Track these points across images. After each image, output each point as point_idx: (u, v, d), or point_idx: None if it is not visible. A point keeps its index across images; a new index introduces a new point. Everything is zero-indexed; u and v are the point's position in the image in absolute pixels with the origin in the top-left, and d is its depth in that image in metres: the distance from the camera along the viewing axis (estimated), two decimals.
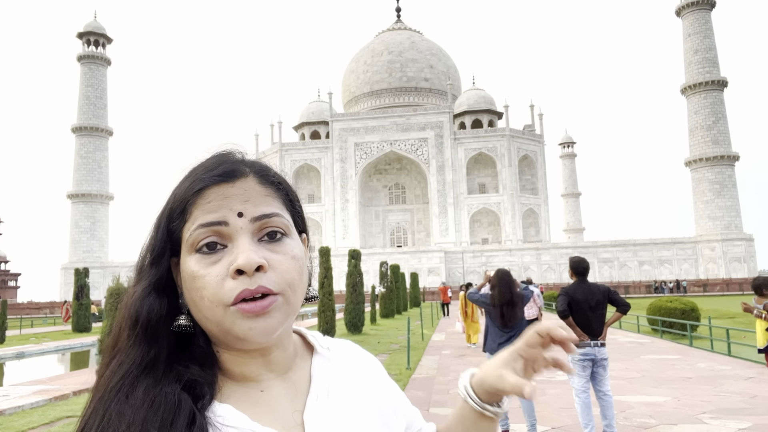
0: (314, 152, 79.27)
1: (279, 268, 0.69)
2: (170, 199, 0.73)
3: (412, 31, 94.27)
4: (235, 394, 0.71)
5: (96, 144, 76.84)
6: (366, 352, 0.88)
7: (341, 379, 0.79)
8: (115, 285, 6.25)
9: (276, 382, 0.74)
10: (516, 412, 6.90)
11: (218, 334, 0.69)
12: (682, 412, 7.22)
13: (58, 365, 17.50)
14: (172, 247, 0.72)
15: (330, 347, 0.83)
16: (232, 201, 0.70)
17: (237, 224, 0.69)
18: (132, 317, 0.69)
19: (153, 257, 0.72)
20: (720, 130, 70.05)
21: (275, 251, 0.70)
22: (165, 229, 0.72)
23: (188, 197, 0.71)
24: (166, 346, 0.69)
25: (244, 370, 0.72)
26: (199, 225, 0.69)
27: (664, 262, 66.97)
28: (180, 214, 0.71)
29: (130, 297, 0.72)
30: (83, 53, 77.98)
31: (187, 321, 0.71)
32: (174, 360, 0.69)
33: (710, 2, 71.89)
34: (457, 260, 68.80)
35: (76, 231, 74.81)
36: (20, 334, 27.73)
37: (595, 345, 5.72)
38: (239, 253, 0.67)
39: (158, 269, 0.72)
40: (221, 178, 0.71)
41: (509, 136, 76.50)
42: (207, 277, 0.67)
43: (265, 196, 0.72)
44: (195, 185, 0.71)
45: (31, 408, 8.70)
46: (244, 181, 0.72)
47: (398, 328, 22.05)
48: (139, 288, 0.71)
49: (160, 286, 0.71)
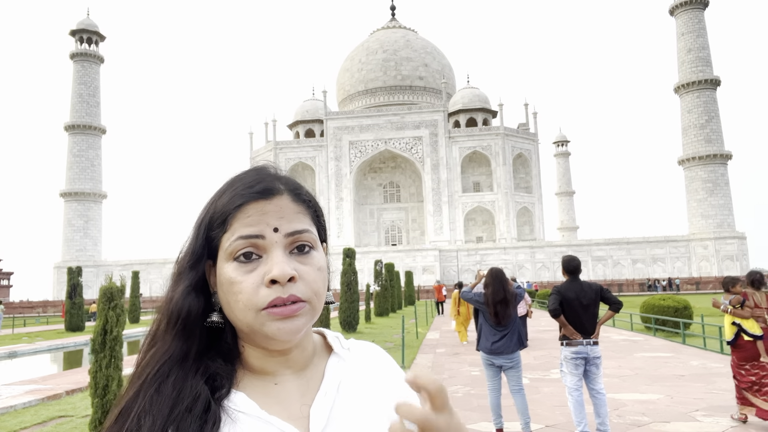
0: (309, 150, 79.16)
1: (307, 279, 0.77)
2: (210, 209, 0.81)
3: (407, 30, 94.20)
4: (251, 385, 0.79)
5: (89, 142, 76.43)
6: (388, 357, 0.92)
7: (354, 379, 0.84)
8: (108, 284, 6.21)
9: (291, 378, 0.81)
10: (510, 410, 6.92)
11: (248, 331, 0.77)
12: (675, 409, 7.26)
13: (50, 364, 17.42)
14: (209, 252, 0.80)
15: (351, 348, 0.89)
16: (268, 217, 0.77)
17: (272, 238, 0.77)
18: (174, 313, 0.78)
19: (193, 261, 0.80)
20: (713, 128, 70.42)
21: (304, 263, 0.78)
22: (204, 236, 0.80)
23: (229, 210, 0.78)
24: (198, 340, 0.78)
25: (264, 365, 0.80)
26: (239, 237, 0.76)
27: (657, 260, 67.30)
28: (220, 224, 0.78)
29: (172, 296, 0.80)
30: (76, 51, 77.50)
31: (219, 318, 0.80)
32: (203, 353, 0.78)
33: (703, 1, 72.19)
34: (452, 259, 68.90)
35: (69, 229, 74.44)
36: (13, 333, 27.58)
37: (587, 343, 5.74)
38: (274, 264, 0.75)
39: (197, 272, 0.80)
40: (260, 195, 0.78)
41: (504, 135, 76.63)
42: (243, 284, 0.75)
43: (297, 213, 0.80)
44: (236, 200, 0.78)
45: (23, 408, 8.65)
46: (280, 198, 0.79)
47: (393, 326, 22.07)
48: (181, 287, 0.79)
49: (198, 287, 0.79)
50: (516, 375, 6.11)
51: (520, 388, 6.09)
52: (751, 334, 6.47)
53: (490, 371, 6.20)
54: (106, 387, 5.95)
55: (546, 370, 10.56)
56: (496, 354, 6.08)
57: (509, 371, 6.12)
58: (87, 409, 8.09)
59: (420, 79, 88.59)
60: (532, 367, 10.90)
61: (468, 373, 10.51)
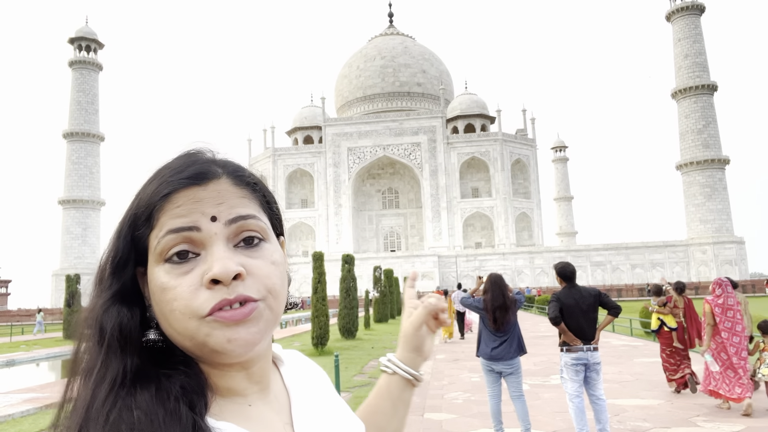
0: (307, 157, 79.19)
1: (258, 274, 0.64)
2: (133, 203, 0.67)
3: (405, 36, 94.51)
4: (228, 411, 0.66)
5: (87, 150, 76.39)
6: (312, 361, 0.88)
7: (308, 388, 0.79)
8: None
9: (259, 396, 0.70)
10: (510, 417, 6.89)
11: (192, 348, 0.64)
12: (675, 415, 7.24)
13: (49, 373, 17.34)
14: (137, 257, 0.66)
15: (285, 358, 0.82)
16: (204, 204, 0.64)
17: (210, 229, 0.63)
18: (97, 331, 0.63)
19: (114, 266, 0.66)
20: (710, 133, 70.59)
21: (253, 256, 0.65)
22: (129, 237, 0.66)
23: (155, 202, 0.64)
24: (145, 357, 0.63)
25: (228, 384, 0.67)
26: (167, 231, 0.63)
27: (656, 265, 67.30)
28: (146, 220, 0.65)
29: (90, 311, 0.65)
30: (75, 58, 77.56)
31: (156, 335, 0.65)
32: (153, 370, 0.62)
33: (700, 7, 72.58)
34: (451, 264, 68.85)
35: (67, 237, 74.28)
36: (10, 341, 27.47)
37: (588, 349, 5.73)
38: (214, 260, 0.62)
39: (120, 279, 0.65)
40: (191, 180, 0.65)
41: (502, 141, 76.76)
42: (178, 288, 0.62)
43: (241, 197, 0.67)
44: (162, 189, 0.65)
45: (21, 416, 8.60)
46: (217, 182, 0.66)
47: (392, 332, 22.02)
48: (102, 300, 0.65)
49: (125, 297, 0.65)
50: (516, 381, 6.09)
51: (520, 394, 6.07)
52: (669, 327, 8.93)
53: (490, 377, 6.18)
54: None
55: (546, 376, 10.54)
56: (495, 360, 6.06)
57: (509, 377, 6.10)
58: None
59: (418, 86, 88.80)
60: (533, 373, 10.87)
61: (468, 380, 10.47)
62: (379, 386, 0.93)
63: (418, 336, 0.92)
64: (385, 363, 0.94)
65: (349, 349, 16.33)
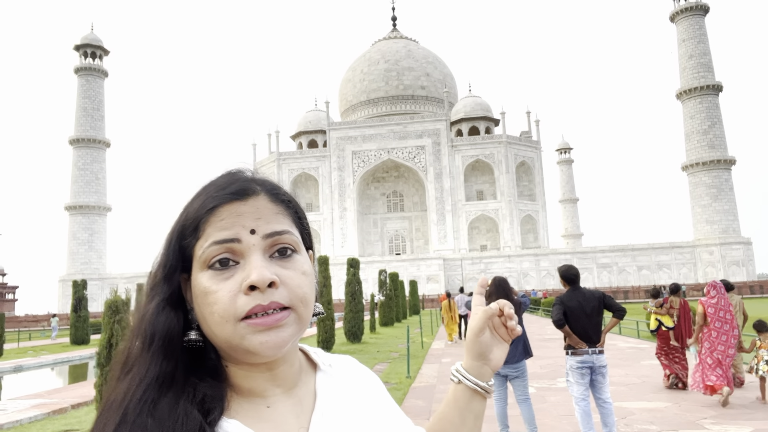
0: (312, 161, 79.35)
1: (290, 284, 0.71)
2: (182, 216, 0.75)
3: (408, 40, 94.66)
4: (243, 410, 0.72)
5: (93, 156, 76.81)
6: (365, 368, 0.89)
7: (344, 396, 0.80)
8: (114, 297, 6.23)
9: (282, 398, 0.75)
10: (517, 420, 6.88)
11: (227, 348, 0.71)
12: (683, 417, 7.20)
13: (56, 378, 17.42)
14: (183, 264, 0.73)
15: (332, 364, 0.85)
16: (244, 218, 0.72)
17: (249, 241, 0.71)
18: (148, 332, 0.70)
19: (165, 273, 0.73)
20: (716, 134, 70.32)
21: (286, 267, 0.72)
22: (177, 246, 0.73)
23: (201, 215, 0.72)
24: (181, 360, 0.70)
25: (251, 385, 0.74)
26: (212, 242, 0.70)
27: (662, 267, 66.98)
28: (192, 231, 0.72)
29: (144, 313, 0.73)
30: (80, 65, 78.10)
31: (197, 336, 0.72)
32: (189, 374, 0.70)
33: (704, 8, 72.39)
34: (456, 267, 68.74)
35: (73, 243, 74.62)
36: (18, 347, 27.60)
37: (593, 352, 5.71)
38: (252, 269, 0.69)
39: (170, 285, 0.73)
40: (234, 196, 0.73)
41: (506, 143, 76.68)
42: (219, 293, 0.69)
43: (276, 213, 0.74)
44: (208, 203, 0.73)
45: (29, 422, 8.64)
46: (256, 199, 0.74)
47: (398, 336, 22.00)
48: (154, 304, 0.72)
49: (173, 302, 0.73)
50: (522, 384, 6.08)
51: (526, 398, 6.06)
52: (666, 326, 9.52)
53: (496, 380, 6.17)
54: None
55: (552, 379, 10.50)
56: None
57: (515, 380, 6.09)
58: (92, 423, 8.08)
59: (422, 89, 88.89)
60: (539, 376, 10.84)
61: None
62: (448, 394, 0.92)
63: (479, 343, 0.90)
64: (452, 371, 0.93)
65: (355, 353, 16.33)
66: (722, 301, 8.08)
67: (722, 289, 8.15)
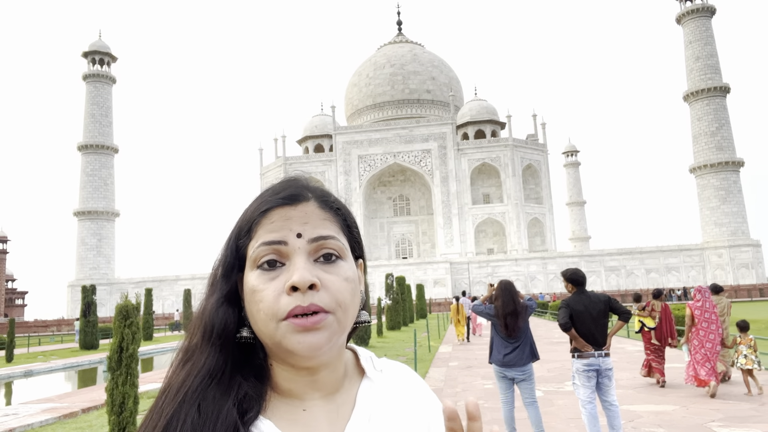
0: (318, 165, 79.59)
1: (331, 288, 0.72)
2: (240, 218, 0.79)
3: (414, 44, 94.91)
4: (279, 411, 0.74)
5: (102, 161, 77.40)
6: (420, 381, 0.87)
7: (386, 407, 0.79)
8: (124, 302, 6.31)
9: (320, 403, 0.76)
10: (524, 423, 6.90)
11: (271, 346, 0.74)
12: (690, 420, 7.20)
13: (66, 383, 17.55)
14: (239, 263, 0.77)
15: (384, 370, 0.84)
16: (292, 222, 0.75)
17: (295, 244, 0.73)
18: (208, 326, 0.75)
19: (224, 271, 0.77)
20: (724, 136, 69.97)
21: (329, 272, 0.74)
22: (234, 246, 0.77)
23: (255, 217, 0.76)
24: (232, 356, 0.74)
25: (291, 387, 0.76)
26: (261, 243, 0.74)
27: (671, 270, 66.60)
28: (247, 232, 0.76)
29: (205, 307, 0.77)
30: (88, 72, 78.79)
31: (248, 333, 0.76)
32: (236, 370, 0.74)
33: (710, 9, 72.16)
34: (463, 271, 68.65)
35: (82, 248, 75.12)
36: (28, 352, 27.83)
37: (599, 355, 5.73)
38: (295, 270, 0.71)
39: (229, 282, 0.77)
40: (285, 200, 0.76)
41: (512, 146, 76.62)
42: (265, 292, 0.72)
43: (324, 219, 0.77)
44: (261, 206, 0.77)
45: (40, 426, 8.74)
46: (306, 204, 0.77)
47: (405, 340, 22.02)
48: (213, 299, 0.76)
49: (231, 299, 0.76)
50: (529, 387, 6.11)
51: (533, 401, 6.08)
52: (648, 327, 10.36)
53: (503, 384, 6.20)
54: (123, 404, 6.03)
55: (560, 383, 10.50)
56: (508, 366, 6.08)
57: (522, 383, 6.12)
58: (103, 426, 8.17)
59: (428, 93, 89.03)
60: (546, 380, 10.84)
61: (481, 387, 10.48)
62: None
63: None
64: None
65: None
66: (707, 303, 9.06)
67: (707, 293, 9.17)
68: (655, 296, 11.07)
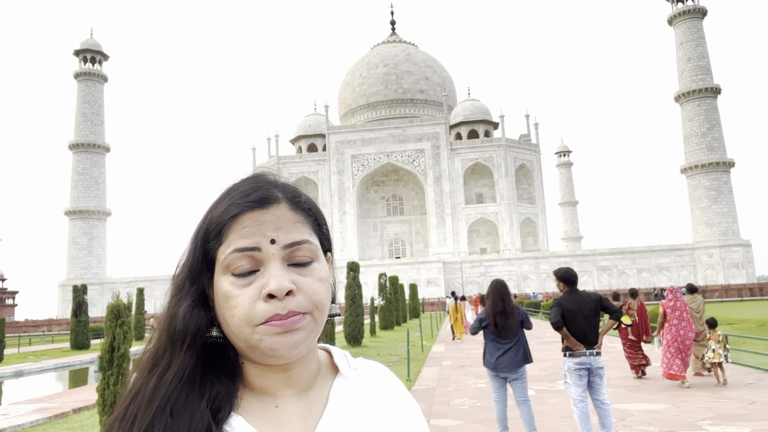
0: (311, 165, 79.48)
1: (307, 290, 0.73)
2: (206, 220, 0.77)
3: (407, 44, 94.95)
4: (251, 407, 0.74)
5: (93, 160, 76.91)
6: (396, 381, 0.87)
7: (359, 404, 0.79)
8: (116, 302, 6.28)
9: (292, 400, 0.77)
10: (516, 422, 6.92)
11: (245, 349, 0.73)
12: (681, 419, 7.25)
13: (57, 383, 17.44)
14: (207, 265, 0.76)
15: (359, 368, 0.84)
16: (265, 228, 0.74)
17: (269, 250, 0.73)
18: (180, 331, 0.73)
19: (192, 275, 0.76)
20: (715, 136, 70.45)
21: (303, 274, 0.74)
22: (202, 249, 0.76)
23: (224, 221, 0.75)
24: (202, 356, 0.74)
25: (263, 383, 0.76)
26: (234, 249, 0.73)
27: (662, 269, 67.03)
28: (216, 236, 0.75)
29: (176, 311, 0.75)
30: (80, 70, 78.25)
31: (217, 333, 0.76)
32: (207, 371, 0.74)
33: (702, 11, 72.62)
34: (456, 270, 68.78)
35: (73, 248, 74.63)
36: (18, 352, 27.64)
37: (590, 354, 5.76)
38: (270, 277, 0.71)
39: (198, 286, 0.76)
40: (256, 204, 0.75)
41: (505, 146, 76.83)
42: (239, 298, 0.71)
43: (296, 222, 0.76)
44: (231, 210, 0.75)
45: (30, 426, 8.68)
46: (277, 207, 0.76)
47: (398, 339, 22.03)
48: (185, 303, 0.75)
49: (201, 301, 0.76)
50: (521, 386, 6.13)
51: (525, 399, 6.11)
52: (625, 324, 10.87)
53: (496, 382, 6.22)
54: (114, 404, 6.00)
55: (552, 382, 10.55)
56: (501, 370, 6.10)
57: (514, 382, 6.14)
58: (94, 426, 8.13)
59: (421, 93, 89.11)
60: (538, 379, 10.88)
61: (474, 386, 10.50)
62: None
63: None
64: None
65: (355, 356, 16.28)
66: (678, 302, 9.71)
67: (678, 293, 9.85)
68: (632, 295, 11.85)
